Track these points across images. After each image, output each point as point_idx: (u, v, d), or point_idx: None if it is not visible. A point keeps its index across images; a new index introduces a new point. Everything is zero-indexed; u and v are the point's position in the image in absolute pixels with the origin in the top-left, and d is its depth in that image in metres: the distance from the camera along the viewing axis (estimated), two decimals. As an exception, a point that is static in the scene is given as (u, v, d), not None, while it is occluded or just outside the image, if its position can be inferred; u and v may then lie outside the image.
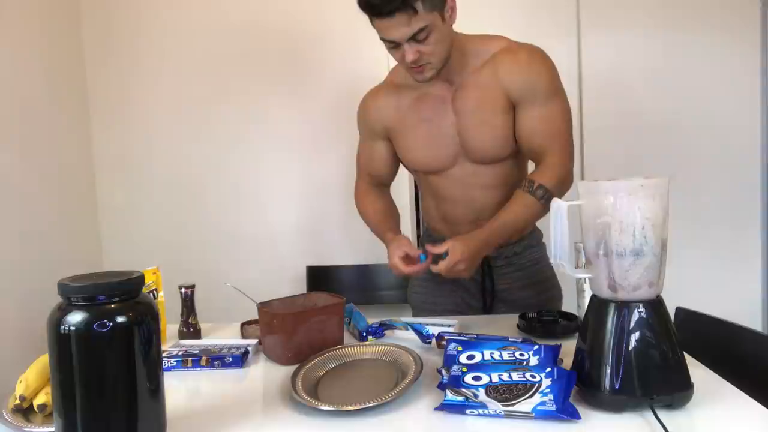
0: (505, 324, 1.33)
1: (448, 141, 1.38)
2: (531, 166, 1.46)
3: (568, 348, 1.02)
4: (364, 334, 1.29)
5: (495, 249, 1.44)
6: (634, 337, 0.87)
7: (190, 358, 1.16)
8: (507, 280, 1.51)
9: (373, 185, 1.57)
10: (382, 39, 1.26)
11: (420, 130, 1.40)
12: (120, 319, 0.77)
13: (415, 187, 2.27)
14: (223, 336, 1.39)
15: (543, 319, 1.31)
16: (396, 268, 1.33)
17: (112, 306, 0.77)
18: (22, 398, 0.96)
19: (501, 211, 1.33)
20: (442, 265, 1.26)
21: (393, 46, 1.26)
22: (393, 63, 2.35)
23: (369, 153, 1.54)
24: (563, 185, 1.33)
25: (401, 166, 1.55)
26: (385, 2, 1.16)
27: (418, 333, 1.23)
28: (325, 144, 2.39)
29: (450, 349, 1.05)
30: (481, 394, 0.90)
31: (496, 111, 1.33)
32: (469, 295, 1.55)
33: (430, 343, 1.21)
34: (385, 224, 1.47)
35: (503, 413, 0.87)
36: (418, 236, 2.40)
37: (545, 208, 1.31)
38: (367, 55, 2.31)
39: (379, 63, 2.27)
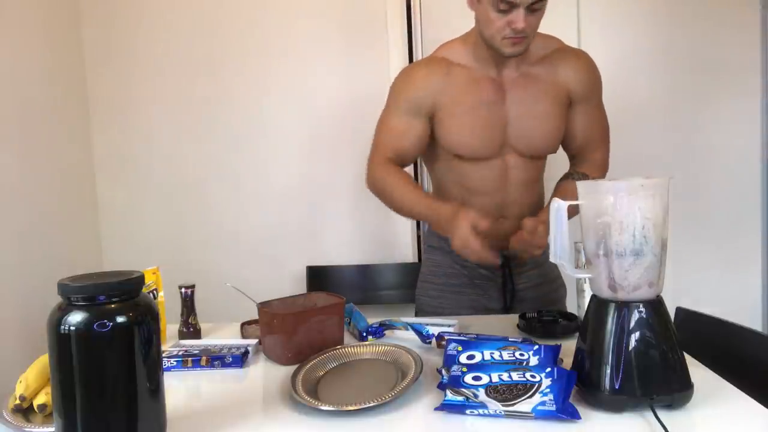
0: (505, 324, 1.33)
1: (499, 129, 1.36)
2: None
3: (568, 348, 1.02)
4: (364, 334, 1.29)
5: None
6: (634, 337, 0.87)
7: (190, 358, 1.16)
8: (525, 279, 1.52)
9: (390, 163, 1.42)
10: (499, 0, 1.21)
11: (473, 113, 1.35)
12: (120, 319, 0.77)
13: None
14: (223, 336, 1.39)
15: (543, 319, 1.31)
16: (467, 244, 1.21)
17: (112, 306, 0.77)
18: (22, 398, 0.96)
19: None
20: (528, 230, 1.24)
21: (506, 8, 1.21)
22: (395, 63, 2.35)
23: (403, 128, 1.40)
24: None
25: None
26: None
27: (418, 333, 1.23)
28: (325, 144, 2.39)
29: (450, 349, 1.05)
30: (481, 394, 0.90)
31: (555, 104, 1.36)
32: (487, 298, 1.52)
33: (430, 343, 1.21)
34: (430, 197, 1.39)
35: (503, 413, 0.87)
36: (419, 237, 2.40)
37: None
38: (368, 55, 2.31)
39: (380, 62, 2.28)
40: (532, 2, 1.21)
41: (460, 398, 0.90)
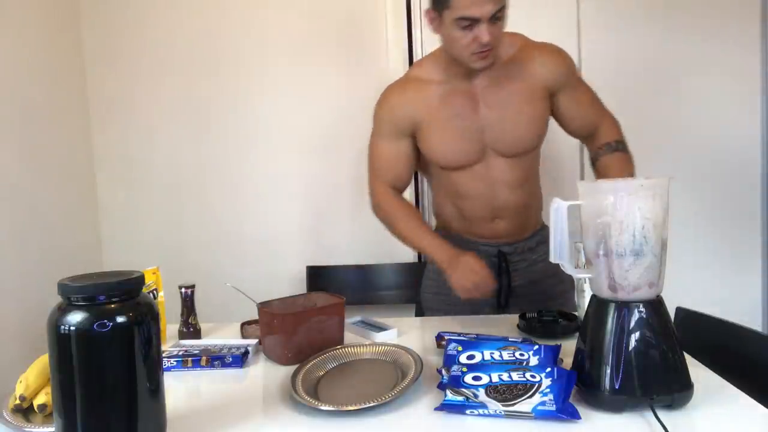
0: (505, 324, 1.33)
1: (477, 135, 1.40)
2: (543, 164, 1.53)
3: (568, 348, 1.02)
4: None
5: (510, 245, 1.51)
6: (634, 337, 0.87)
7: (190, 358, 1.16)
8: (522, 275, 1.53)
9: (392, 190, 1.49)
10: (459, 18, 1.24)
11: (450, 125, 1.41)
12: (120, 319, 0.77)
13: (415, 186, 2.28)
14: (223, 336, 1.39)
15: (543, 319, 1.31)
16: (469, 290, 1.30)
17: (112, 306, 0.77)
18: (22, 398, 0.96)
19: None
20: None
21: (467, 25, 1.24)
22: (394, 64, 2.35)
23: (393, 153, 1.47)
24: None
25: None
26: None
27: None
28: (325, 144, 2.39)
29: (450, 349, 1.05)
30: (481, 394, 0.90)
31: (529, 101, 1.38)
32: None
33: None
34: (431, 234, 1.45)
35: (503, 413, 0.87)
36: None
37: (631, 158, 1.48)
38: (368, 56, 2.31)
39: (380, 63, 2.28)
40: (494, 13, 1.23)
41: (460, 398, 0.90)
